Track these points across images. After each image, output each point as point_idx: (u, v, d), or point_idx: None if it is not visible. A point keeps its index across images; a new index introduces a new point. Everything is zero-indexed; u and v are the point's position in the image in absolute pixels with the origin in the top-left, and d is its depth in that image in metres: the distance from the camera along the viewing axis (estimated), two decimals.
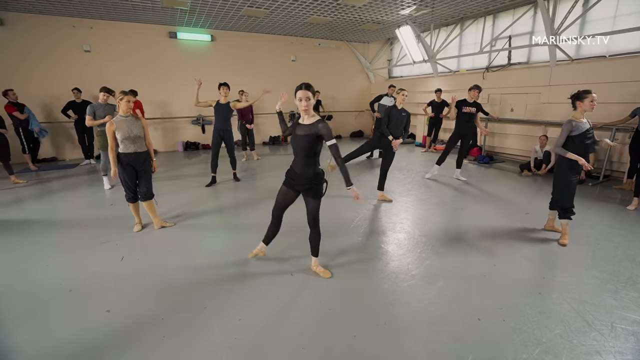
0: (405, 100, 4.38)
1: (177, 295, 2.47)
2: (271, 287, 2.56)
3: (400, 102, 4.38)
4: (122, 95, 3.33)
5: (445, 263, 2.91)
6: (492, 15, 7.83)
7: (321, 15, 7.68)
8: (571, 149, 3.11)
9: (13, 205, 4.64)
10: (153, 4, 6.59)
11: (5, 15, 6.97)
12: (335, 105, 11.37)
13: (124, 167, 3.43)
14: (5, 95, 6.30)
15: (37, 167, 6.96)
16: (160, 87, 8.67)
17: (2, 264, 2.96)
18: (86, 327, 2.12)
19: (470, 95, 5.44)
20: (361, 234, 3.55)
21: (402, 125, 4.39)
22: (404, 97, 4.36)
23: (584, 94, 3.10)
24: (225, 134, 5.38)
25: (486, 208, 4.32)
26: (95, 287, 2.58)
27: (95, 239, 3.44)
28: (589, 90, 3.11)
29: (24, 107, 6.56)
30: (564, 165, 3.22)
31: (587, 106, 3.09)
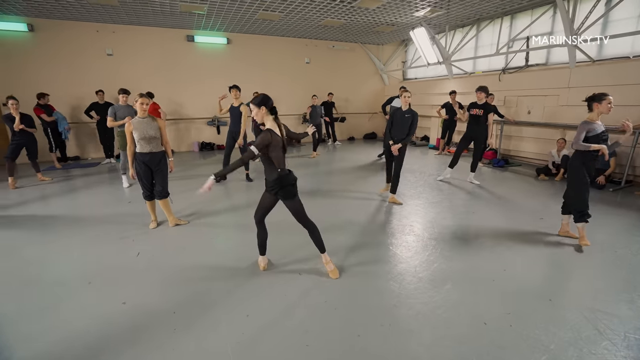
0: (409, 100, 4.32)
1: (188, 290, 2.56)
2: (278, 285, 2.62)
3: (404, 104, 4.35)
4: (137, 97, 3.48)
5: (454, 266, 2.89)
6: (509, 15, 7.69)
7: (335, 17, 7.73)
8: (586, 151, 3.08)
9: (39, 201, 4.89)
10: (172, 9, 6.81)
11: (36, 21, 7.35)
12: (348, 107, 11.39)
13: (140, 166, 3.57)
14: (40, 99, 6.77)
15: (61, 165, 7.29)
16: (177, 89, 8.93)
17: (29, 256, 3.14)
18: (103, 318, 2.23)
19: (477, 97, 5.43)
20: (370, 235, 3.56)
21: (407, 127, 4.32)
22: (406, 98, 4.31)
23: (602, 96, 3.06)
24: (236, 135, 5.50)
25: (499, 212, 4.25)
26: (112, 280, 2.70)
27: (113, 235, 3.59)
28: (606, 93, 3.09)
29: (53, 111, 6.95)
30: (576, 164, 3.18)
31: (604, 108, 3.06)
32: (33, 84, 7.49)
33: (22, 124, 5.51)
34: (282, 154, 2.47)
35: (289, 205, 2.56)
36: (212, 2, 6.46)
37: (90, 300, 2.44)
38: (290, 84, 10.36)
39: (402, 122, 4.35)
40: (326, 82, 10.81)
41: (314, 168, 7.07)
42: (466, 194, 5.11)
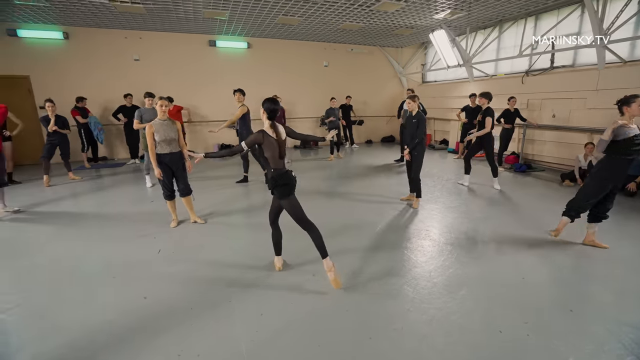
0: (412, 105, 4.32)
1: (205, 287, 2.65)
2: (292, 286, 2.66)
3: (409, 108, 4.36)
4: (157, 99, 3.67)
5: (470, 272, 2.84)
6: (534, 16, 7.47)
7: (354, 21, 7.76)
8: (616, 155, 3.01)
9: (70, 199, 5.17)
10: (195, 15, 7.05)
11: (70, 29, 7.80)
12: (366, 110, 11.36)
13: (161, 166, 3.72)
14: (78, 102, 7.33)
15: (90, 165, 7.68)
16: (199, 92, 9.21)
17: (60, 251, 3.34)
18: (125, 311, 2.35)
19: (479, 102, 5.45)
20: (385, 239, 3.55)
21: (414, 131, 4.32)
22: (409, 103, 4.32)
23: (632, 98, 2.97)
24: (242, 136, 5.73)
25: (519, 218, 4.13)
26: (135, 276, 2.83)
27: (136, 232, 3.76)
28: (636, 94, 2.98)
29: (88, 114, 7.45)
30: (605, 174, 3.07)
31: (635, 111, 2.95)
32: (68, 87, 7.94)
33: (55, 126, 5.86)
34: (276, 154, 2.51)
35: (285, 204, 2.58)
36: (234, 8, 6.64)
37: (114, 294, 2.57)
38: (309, 87, 10.47)
39: (410, 127, 4.35)
40: (344, 85, 10.84)
41: (330, 170, 7.11)
42: (485, 199, 4.99)
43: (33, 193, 5.46)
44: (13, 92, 7.71)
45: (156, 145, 3.69)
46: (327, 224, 3.90)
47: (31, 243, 3.53)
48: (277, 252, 2.90)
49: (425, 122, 4.35)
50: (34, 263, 3.08)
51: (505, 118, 6.85)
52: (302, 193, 2.87)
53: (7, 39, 7.41)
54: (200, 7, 6.53)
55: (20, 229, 3.94)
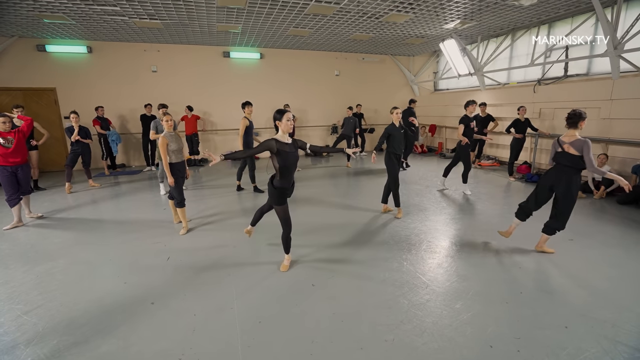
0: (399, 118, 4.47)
1: (208, 293, 2.77)
2: (291, 293, 2.75)
3: (395, 120, 4.48)
4: (162, 115, 3.97)
5: (468, 286, 2.86)
6: (547, 24, 7.39)
7: (364, 32, 7.89)
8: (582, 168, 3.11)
9: (89, 205, 5.46)
10: (210, 29, 7.35)
11: (94, 44, 8.27)
12: (378, 119, 11.42)
13: (175, 174, 3.96)
14: (96, 110, 7.71)
15: (110, 172, 8.07)
16: (213, 101, 9.52)
17: (77, 256, 3.55)
18: (133, 315, 2.50)
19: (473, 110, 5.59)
20: (386, 249, 3.60)
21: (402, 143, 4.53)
22: (398, 115, 4.46)
23: (584, 114, 3.11)
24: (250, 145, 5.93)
25: (526, 231, 4.07)
26: (144, 282, 3.00)
27: (148, 239, 3.95)
28: None
29: (110, 125, 7.91)
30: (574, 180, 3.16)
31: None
32: (91, 98, 8.40)
33: (78, 136, 6.21)
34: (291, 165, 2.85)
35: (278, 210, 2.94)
36: (246, 22, 6.89)
37: (124, 299, 2.73)
38: (320, 95, 10.64)
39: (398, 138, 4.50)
40: (355, 94, 10.96)
41: (340, 179, 7.19)
42: (493, 210, 4.95)
43: (56, 199, 5.80)
44: (41, 104, 8.22)
45: (169, 156, 3.91)
46: (314, 224, 4.00)
47: (51, 249, 3.76)
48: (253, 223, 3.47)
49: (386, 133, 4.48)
50: (52, 267, 3.29)
51: (516, 127, 6.77)
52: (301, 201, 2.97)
53: (37, 54, 7.92)
54: (214, 22, 6.81)
55: (42, 235, 4.21)
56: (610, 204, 5.17)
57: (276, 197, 2.88)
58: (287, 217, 2.98)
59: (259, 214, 3.41)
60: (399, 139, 4.48)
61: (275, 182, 2.89)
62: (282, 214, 2.94)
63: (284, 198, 2.92)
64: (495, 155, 8.75)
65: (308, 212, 4.90)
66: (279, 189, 2.86)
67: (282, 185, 2.86)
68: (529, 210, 3.54)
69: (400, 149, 4.51)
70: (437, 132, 10.95)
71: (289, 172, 2.83)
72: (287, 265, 3.17)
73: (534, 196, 3.45)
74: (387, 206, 4.87)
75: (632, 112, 5.61)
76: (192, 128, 8.63)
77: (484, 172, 7.78)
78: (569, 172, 3.15)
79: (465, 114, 5.57)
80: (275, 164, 2.81)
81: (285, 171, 2.81)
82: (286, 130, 2.82)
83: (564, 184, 3.17)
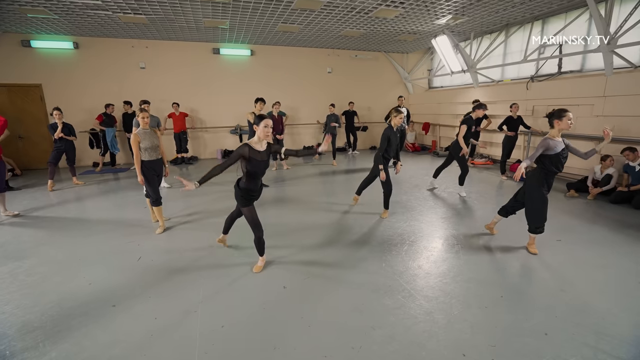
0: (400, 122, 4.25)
1: (176, 295, 2.65)
2: (258, 295, 2.63)
3: (395, 124, 4.26)
4: (138, 112, 3.80)
5: (448, 289, 2.73)
6: (540, 20, 7.25)
7: (354, 28, 7.75)
8: (545, 167, 3.12)
9: (69, 203, 5.32)
10: (197, 24, 7.21)
11: (80, 39, 8.12)
12: (371, 117, 11.28)
13: (149, 172, 3.83)
14: (106, 108, 7.87)
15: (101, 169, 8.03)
16: (203, 98, 9.37)
17: (45, 255, 3.42)
18: (91, 318, 2.37)
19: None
20: (365, 248, 3.47)
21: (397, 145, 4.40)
22: (401, 120, 4.23)
23: (562, 112, 3.04)
24: None
25: (514, 230, 3.94)
26: (110, 283, 2.87)
27: (122, 238, 3.82)
28: (565, 109, 3.07)
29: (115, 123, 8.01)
30: (535, 182, 3.20)
31: (565, 125, 3.03)
32: (77, 95, 8.27)
33: (62, 133, 6.07)
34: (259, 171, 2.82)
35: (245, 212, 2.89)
36: (233, 17, 6.75)
37: (85, 300, 2.60)
38: (313, 93, 10.49)
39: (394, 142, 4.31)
40: (348, 91, 10.82)
41: (328, 178, 7.07)
42: (483, 210, 4.83)
43: (37, 197, 5.66)
44: (26, 100, 8.07)
45: (142, 153, 3.78)
46: (306, 231, 3.88)
47: (21, 248, 3.63)
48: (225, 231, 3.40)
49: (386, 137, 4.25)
50: (16, 268, 3.16)
51: (508, 125, 6.64)
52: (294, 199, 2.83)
53: (22, 50, 7.77)
54: (200, 17, 6.67)
55: (15, 233, 4.08)
56: (602, 203, 5.04)
57: (241, 199, 2.84)
58: (256, 219, 2.89)
59: (229, 221, 3.33)
60: (396, 144, 4.31)
61: (241, 184, 2.84)
62: (249, 216, 2.87)
63: (250, 200, 2.88)
64: (488, 154, 8.63)
65: (292, 211, 4.77)
66: (245, 189, 2.82)
67: (248, 187, 2.82)
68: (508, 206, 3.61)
69: (393, 154, 4.36)
70: (430, 130, 10.81)
71: (256, 177, 2.81)
72: (260, 266, 3.06)
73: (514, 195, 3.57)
74: (358, 197, 4.94)
75: (626, 109, 5.48)
76: (180, 126, 8.50)
77: (477, 170, 7.65)
78: (531, 172, 3.27)
79: (470, 115, 5.36)
80: (244, 168, 2.75)
81: (252, 176, 2.78)
82: (262, 137, 2.73)
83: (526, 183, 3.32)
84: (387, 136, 4.22)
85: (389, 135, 4.22)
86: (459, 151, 5.35)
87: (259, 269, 3.04)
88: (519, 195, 3.47)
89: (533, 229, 3.31)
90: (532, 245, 3.39)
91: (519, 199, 3.47)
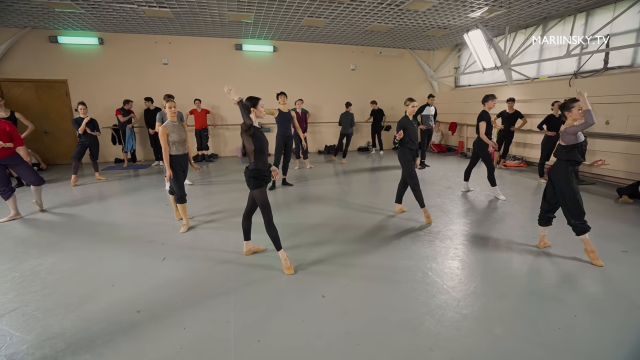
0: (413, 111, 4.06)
1: (200, 297, 2.42)
2: (299, 305, 2.37)
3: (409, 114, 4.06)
4: (165, 102, 3.62)
5: (508, 305, 2.40)
6: (584, 12, 6.75)
7: (382, 22, 7.43)
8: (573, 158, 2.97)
9: (91, 199, 5.22)
10: (221, 18, 7.06)
11: (105, 35, 8.12)
12: (395, 116, 10.90)
13: (177, 167, 3.64)
14: (125, 104, 7.73)
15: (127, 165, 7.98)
16: (225, 95, 9.21)
17: (67, 254, 3.27)
18: (114, 325, 2.16)
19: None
20: (406, 257, 3.16)
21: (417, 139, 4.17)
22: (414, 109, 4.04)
23: (570, 104, 2.97)
24: (287, 139, 5.69)
25: (570, 240, 3.55)
26: (133, 285, 2.66)
27: (145, 237, 3.64)
28: (573, 98, 2.99)
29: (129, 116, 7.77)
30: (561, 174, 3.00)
31: (576, 114, 2.93)
32: (101, 91, 8.28)
33: (86, 127, 6.01)
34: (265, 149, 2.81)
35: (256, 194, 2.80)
36: (259, 10, 6.56)
37: (108, 305, 2.40)
38: (335, 91, 10.21)
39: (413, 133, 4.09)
40: (371, 90, 10.50)
41: (353, 177, 6.78)
42: (525, 214, 4.43)
43: (59, 192, 5.61)
44: (52, 96, 8.13)
45: (170, 147, 3.60)
46: (338, 233, 3.60)
47: (43, 244, 3.50)
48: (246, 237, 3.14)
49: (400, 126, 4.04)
50: (38, 265, 3.01)
51: (549, 125, 6.17)
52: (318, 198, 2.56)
53: (49, 46, 7.83)
54: (225, 10, 6.50)
55: (38, 229, 3.97)
56: None
57: (253, 180, 2.76)
58: (266, 200, 2.79)
59: (246, 221, 3.08)
60: (414, 133, 4.05)
61: (250, 166, 2.80)
62: (260, 197, 2.78)
63: (263, 180, 2.79)
64: (522, 155, 8.13)
65: (320, 211, 4.50)
66: (255, 170, 2.76)
67: (257, 167, 2.77)
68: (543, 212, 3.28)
69: (415, 145, 4.08)
70: (457, 131, 10.35)
71: (263, 154, 2.78)
72: (289, 266, 2.85)
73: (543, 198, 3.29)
74: (402, 206, 4.44)
75: None
76: (201, 122, 8.37)
77: (510, 173, 7.20)
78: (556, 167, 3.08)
79: (484, 109, 5.02)
80: (250, 146, 2.70)
81: (260, 151, 2.75)
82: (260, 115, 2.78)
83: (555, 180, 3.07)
84: (402, 125, 3.99)
85: (402, 124, 3.98)
86: (482, 148, 5.05)
87: (289, 270, 2.83)
88: (547, 195, 3.20)
89: (579, 228, 2.99)
90: (593, 253, 3.01)
91: (550, 200, 3.18)
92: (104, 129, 7.69)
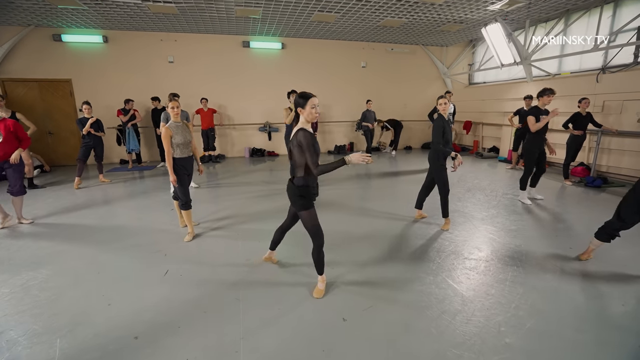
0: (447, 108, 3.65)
1: (206, 320, 2.15)
2: (314, 332, 2.08)
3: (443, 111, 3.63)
4: (168, 101, 3.36)
5: (556, 329, 2.08)
6: (611, 4, 6.33)
7: (395, 17, 7.09)
8: None
9: (93, 203, 5.00)
10: (228, 14, 6.79)
11: (109, 33, 7.92)
12: (406, 114, 10.55)
13: (181, 171, 3.39)
14: (126, 104, 7.46)
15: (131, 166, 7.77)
16: (232, 94, 8.99)
17: (63, 265, 3.03)
18: (108, 355, 1.91)
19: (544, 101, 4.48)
20: (431, 266, 2.86)
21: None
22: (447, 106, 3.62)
23: None
24: None
25: (614, 248, 3.21)
26: (131, 304, 2.40)
27: (147, 246, 3.39)
28: None
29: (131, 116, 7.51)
30: None
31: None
32: (106, 90, 8.09)
33: (90, 128, 5.80)
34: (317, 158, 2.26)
35: (304, 215, 2.33)
36: (267, 5, 6.28)
37: (103, 327, 2.14)
38: (345, 89, 9.90)
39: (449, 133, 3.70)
40: (383, 88, 10.17)
41: (367, 180, 6.47)
42: (553, 219, 4.09)
43: (61, 196, 5.40)
44: (56, 95, 7.96)
45: (173, 149, 3.34)
46: (354, 243, 3.30)
47: (38, 255, 3.27)
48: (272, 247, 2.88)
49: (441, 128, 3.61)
50: (30, 279, 2.78)
51: (575, 123, 5.79)
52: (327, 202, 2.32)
53: (53, 44, 7.65)
54: (232, 5, 6.24)
55: (34, 237, 3.75)
56: None
57: (301, 200, 2.27)
58: (317, 225, 2.32)
59: (279, 234, 2.77)
60: (450, 134, 3.70)
61: (296, 181, 2.28)
62: (309, 220, 2.30)
63: (311, 200, 2.31)
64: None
65: (333, 219, 4.19)
66: (303, 187, 2.27)
67: (307, 183, 2.26)
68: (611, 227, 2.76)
69: (451, 148, 3.71)
70: (472, 130, 9.96)
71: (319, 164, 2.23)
72: (322, 290, 2.48)
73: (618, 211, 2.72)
74: (422, 212, 4.13)
75: None
76: (208, 122, 8.13)
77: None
78: None
79: (537, 105, 4.58)
80: (302, 160, 2.21)
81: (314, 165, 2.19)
82: (310, 119, 2.21)
83: None
84: (442, 127, 3.59)
85: (443, 126, 3.59)
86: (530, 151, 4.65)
87: (320, 293, 2.46)
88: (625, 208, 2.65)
89: None
90: None
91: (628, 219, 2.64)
92: (108, 129, 7.49)
